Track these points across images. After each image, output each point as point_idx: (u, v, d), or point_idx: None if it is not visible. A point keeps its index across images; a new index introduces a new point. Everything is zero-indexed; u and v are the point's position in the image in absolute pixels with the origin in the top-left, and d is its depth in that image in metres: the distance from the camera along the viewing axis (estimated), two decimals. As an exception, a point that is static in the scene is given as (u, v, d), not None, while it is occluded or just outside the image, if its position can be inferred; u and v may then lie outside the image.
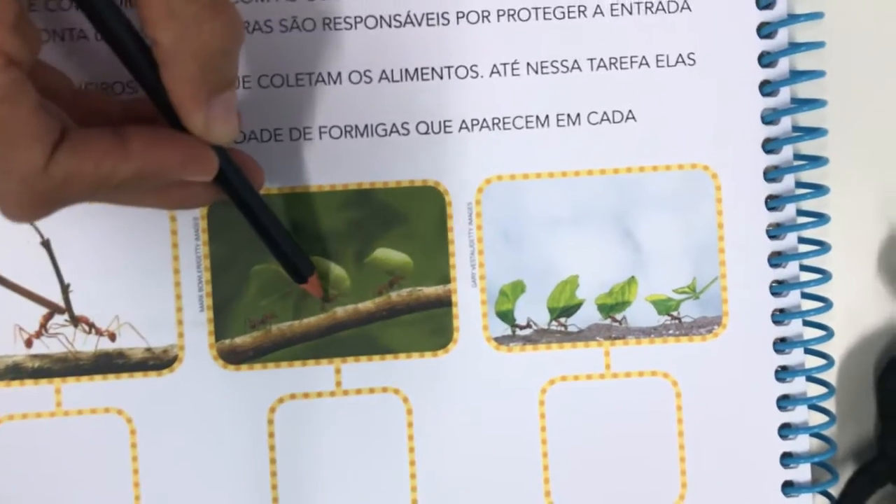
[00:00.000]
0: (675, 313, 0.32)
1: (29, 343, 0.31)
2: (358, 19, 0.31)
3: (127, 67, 0.24)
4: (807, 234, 0.33)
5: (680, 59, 0.32)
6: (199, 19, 0.23)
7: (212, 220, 0.31)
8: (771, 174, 0.32)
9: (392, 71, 0.31)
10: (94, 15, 0.24)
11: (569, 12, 0.32)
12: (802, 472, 0.32)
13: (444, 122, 0.32)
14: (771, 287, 0.32)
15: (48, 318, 0.31)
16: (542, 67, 0.32)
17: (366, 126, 0.31)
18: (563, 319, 0.32)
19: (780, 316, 0.32)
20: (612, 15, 0.32)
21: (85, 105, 0.27)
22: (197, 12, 0.23)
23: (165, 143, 0.24)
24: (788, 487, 0.32)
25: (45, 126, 0.22)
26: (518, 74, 0.32)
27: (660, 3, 0.32)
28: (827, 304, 0.32)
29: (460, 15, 0.31)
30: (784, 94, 0.32)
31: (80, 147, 0.23)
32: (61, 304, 0.31)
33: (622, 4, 0.32)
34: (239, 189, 0.28)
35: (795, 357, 0.32)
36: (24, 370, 0.31)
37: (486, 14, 0.32)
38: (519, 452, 0.32)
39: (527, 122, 0.32)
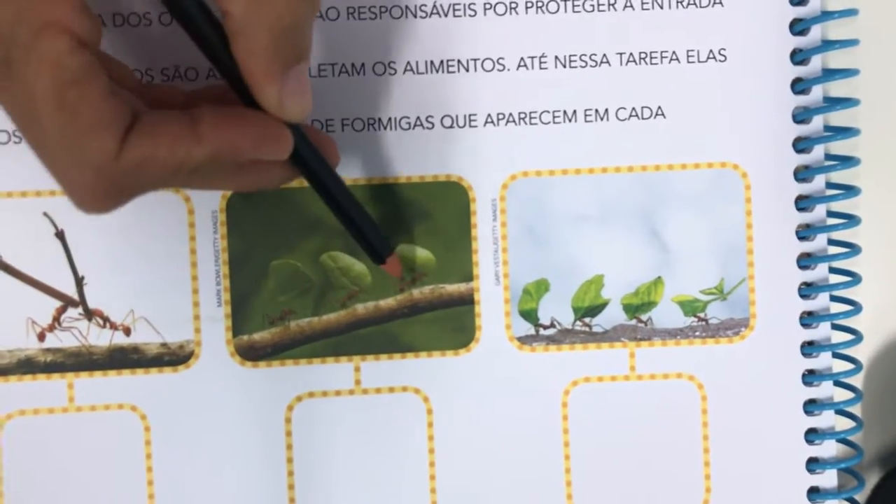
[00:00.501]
0: (701, 315, 0.32)
1: (42, 337, 0.30)
2: (383, 9, 0.30)
3: (196, 42, 0.23)
4: (837, 235, 0.32)
5: (711, 55, 0.31)
6: None
7: (230, 214, 0.30)
8: (801, 174, 0.32)
9: (416, 63, 0.31)
10: None
11: (598, 5, 0.31)
12: (828, 478, 0.32)
13: (469, 115, 0.31)
14: (799, 289, 0.32)
15: (61, 311, 0.30)
16: (570, 61, 0.31)
17: (389, 119, 0.31)
18: (587, 319, 0.32)
19: (808, 319, 0.32)
20: (642, 9, 0.31)
21: (149, 97, 0.26)
22: None
23: (238, 122, 0.23)
24: (814, 493, 0.32)
25: (117, 111, 0.21)
26: (546, 68, 0.31)
27: (691, -3, 0.31)
28: (856, 307, 0.32)
29: (487, 6, 0.31)
30: (816, 93, 0.32)
31: (153, 132, 0.22)
32: (75, 297, 0.30)
33: (653, -2, 0.31)
34: (315, 168, 0.26)
35: (823, 361, 0.32)
36: (36, 364, 0.30)
37: (513, 6, 0.31)
38: (541, 454, 0.31)
39: (554, 117, 0.31)
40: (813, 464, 0.32)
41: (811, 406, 0.32)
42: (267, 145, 0.24)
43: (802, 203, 0.32)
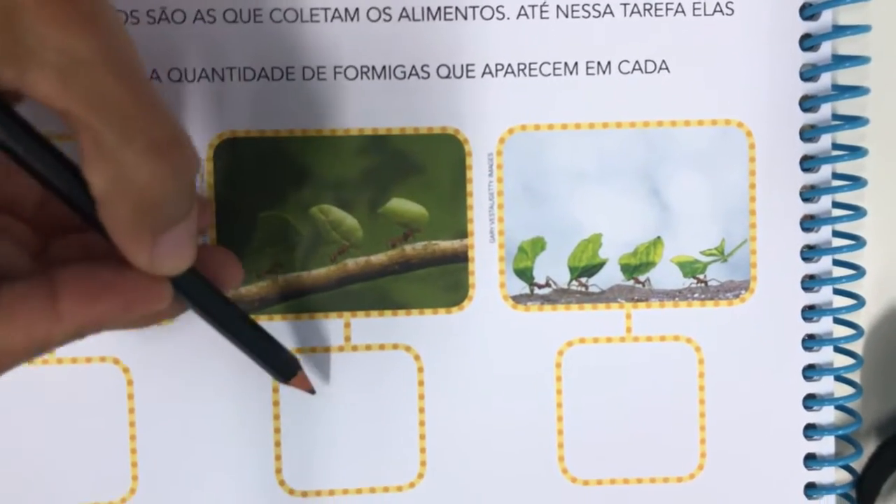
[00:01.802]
0: (701, 276, 0.31)
1: None
2: (379, -48, 0.29)
3: (59, 199, 0.22)
4: (841, 198, 0.31)
5: (717, 8, 0.30)
6: (135, 163, 0.20)
7: (218, 164, 0.29)
8: (807, 133, 0.31)
9: (413, 9, 0.29)
10: (11, 145, 0.21)
11: (603, -47, 0.30)
12: (826, 445, 0.31)
13: (467, 65, 0.30)
14: (802, 252, 0.31)
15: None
16: (572, 11, 0.30)
17: (383, 67, 0.30)
18: (583, 279, 0.31)
19: (809, 282, 0.31)
20: (648, -42, 0.30)
21: (50, 214, 0.25)
22: (133, 153, 0.20)
23: (102, 293, 0.22)
24: (811, 460, 0.31)
25: None
26: (547, 17, 0.30)
27: (699, -53, 0.30)
28: (859, 271, 0.31)
29: (487, -48, 0.30)
30: (825, 50, 0.31)
31: (6, 318, 0.21)
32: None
33: (659, -53, 0.30)
34: (202, 303, 0.25)
35: (824, 326, 0.31)
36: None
37: (515, -48, 0.30)
38: (533, 415, 0.31)
39: (554, 68, 0.30)
40: (810, 430, 0.31)
41: (810, 371, 0.31)
42: (137, 308, 0.23)
43: (807, 164, 0.31)
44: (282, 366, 0.28)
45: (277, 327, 0.30)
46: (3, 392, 0.29)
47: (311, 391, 0.29)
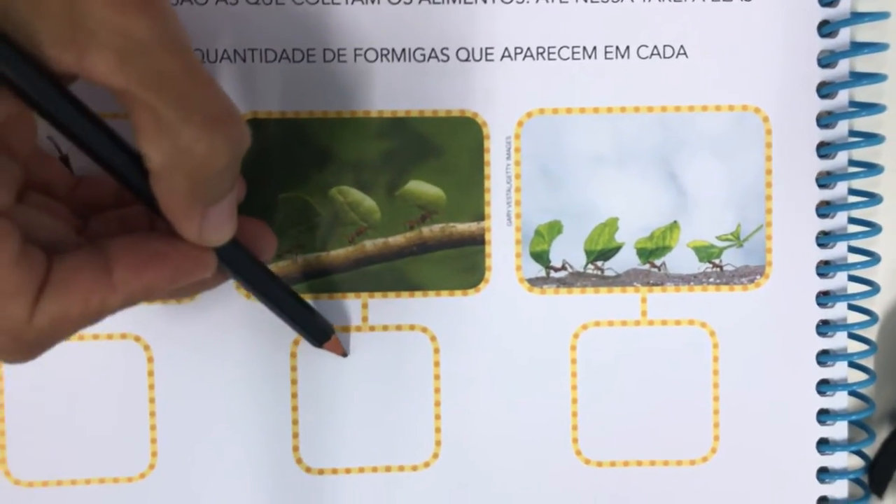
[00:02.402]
0: (716, 261, 0.31)
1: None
2: (400, -65, 0.29)
3: (110, 174, 0.23)
4: (857, 184, 0.31)
5: (736, -6, 0.30)
6: (193, 136, 0.21)
7: (238, 143, 0.30)
8: (824, 120, 0.31)
9: (434, -8, 0.30)
10: (63, 126, 0.22)
11: (622, -62, 0.30)
12: (839, 430, 0.31)
13: (486, 49, 0.30)
14: (817, 238, 0.31)
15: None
16: (591, -5, 0.30)
17: (403, 50, 0.30)
18: (599, 263, 0.31)
19: (824, 268, 0.31)
20: (667, -57, 0.30)
21: (83, 195, 0.26)
22: (191, 129, 0.21)
23: (153, 262, 0.23)
24: (823, 445, 0.31)
25: (26, 277, 0.21)
26: (566, 2, 0.30)
27: (719, -68, 0.30)
28: (874, 257, 0.31)
29: (508, -64, 0.30)
30: (843, 36, 0.31)
31: (64, 289, 0.21)
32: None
33: (679, -68, 0.30)
34: (244, 272, 0.26)
35: (838, 311, 0.31)
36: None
37: (535, -64, 0.30)
38: (547, 398, 0.31)
39: (573, 52, 0.30)
40: (824, 415, 0.31)
41: (824, 357, 0.31)
42: (186, 276, 0.23)
43: (824, 150, 0.31)
44: (317, 330, 0.29)
45: (296, 307, 0.30)
46: (25, 368, 0.30)
47: (344, 354, 0.30)
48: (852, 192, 0.31)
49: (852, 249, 0.31)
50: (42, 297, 0.21)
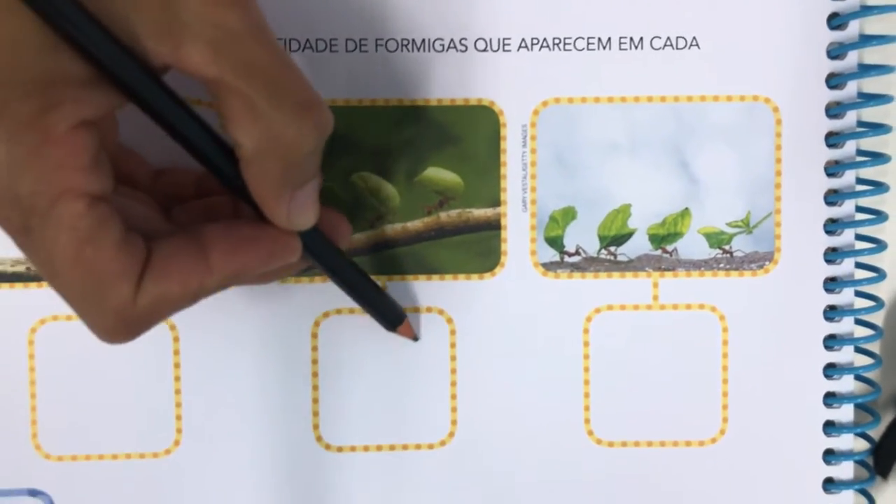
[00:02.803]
0: (726, 247, 0.32)
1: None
2: (421, -72, 0.30)
3: (201, 162, 0.24)
4: (865, 173, 0.32)
5: (748, -13, 0.31)
6: (283, 122, 0.22)
7: (262, 130, 0.31)
8: (833, 110, 0.32)
9: (453, -16, 0.31)
10: (160, 116, 0.23)
11: (637, -68, 0.31)
12: (845, 413, 0.32)
13: (504, 39, 0.31)
14: (825, 225, 0.32)
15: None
16: (606, -12, 0.31)
17: (423, 40, 0.31)
18: (612, 248, 0.32)
19: (832, 255, 0.32)
20: (681, -63, 0.31)
21: (164, 187, 0.27)
22: (282, 114, 0.22)
23: (246, 245, 0.24)
24: (830, 427, 0.32)
25: (129, 260, 0.22)
26: (582, -6, 0.31)
27: (731, -74, 0.31)
28: (880, 245, 0.32)
29: (525, -70, 0.31)
30: (853, 28, 0.31)
31: (165, 271, 0.23)
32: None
33: (692, -74, 0.31)
34: (326, 258, 0.27)
35: (845, 297, 0.32)
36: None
37: (551, -70, 0.31)
38: (560, 379, 0.32)
39: (588, 43, 0.31)
40: (830, 398, 0.32)
41: (831, 341, 0.32)
42: (276, 259, 0.25)
43: (832, 139, 0.32)
44: (392, 316, 0.30)
45: (318, 289, 0.31)
46: (52, 346, 0.31)
47: (415, 338, 0.31)
48: (860, 181, 0.32)
49: (859, 237, 0.32)
50: (144, 279, 0.22)
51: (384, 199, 0.31)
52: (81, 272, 0.21)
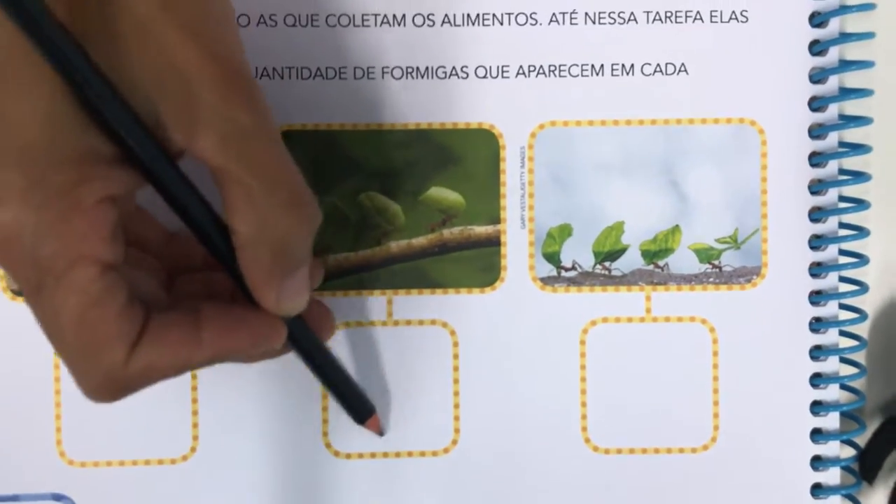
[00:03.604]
0: (716, 262, 0.33)
1: None
2: (424, -36, 0.32)
3: (204, 245, 0.25)
4: (847, 191, 0.34)
5: (733, 16, 0.33)
6: (277, 213, 0.24)
7: (275, 153, 0.33)
8: (816, 132, 0.33)
9: (454, 15, 0.33)
10: (173, 199, 0.24)
11: (627, -35, 0.33)
12: (831, 421, 0.34)
13: (502, 66, 0.33)
14: (810, 241, 0.33)
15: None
16: (599, 18, 0.33)
17: (427, 68, 0.33)
18: (607, 263, 0.33)
19: (817, 269, 0.33)
20: (669, -31, 0.33)
21: (173, 252, 0.29)
22: (276, 206, 0.24)
23: (237, 327, 0.25)
24: (817, 434, 0.34)
25: (129, 325, 0.23)
26: (576, 24, 0.33)
27: (716, -40, 0.33)
28: (863, 259, 0.33)
29: (522, -36, 0.33)
30: (833, 55, 0.33)
31: (159, 341, 0.24)
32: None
33: (680, -40, 0.33)
34: (306, 347, 0.29)
35: (830, 310, 0.34)
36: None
37: (547, -36, 0.33)
38: (558, 388, 0.33)
39: (582, 70, 0.33)
40: (817, 406, 0.34)
41: (817, 352, 0.34)
42: (262, 343, 0.26)
43: (815, 159, 0.33)
44: (362, 410, 0.32)
45: (326, 303, 0.33)
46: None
47: (381, 434, 0.33)
48: (842, 198, 0.34)
49: (843, 252, 0.34)
50: (138, 346, 0.23)
51: (390, 218, 0.33)
52: (83, 331, 0.23)
